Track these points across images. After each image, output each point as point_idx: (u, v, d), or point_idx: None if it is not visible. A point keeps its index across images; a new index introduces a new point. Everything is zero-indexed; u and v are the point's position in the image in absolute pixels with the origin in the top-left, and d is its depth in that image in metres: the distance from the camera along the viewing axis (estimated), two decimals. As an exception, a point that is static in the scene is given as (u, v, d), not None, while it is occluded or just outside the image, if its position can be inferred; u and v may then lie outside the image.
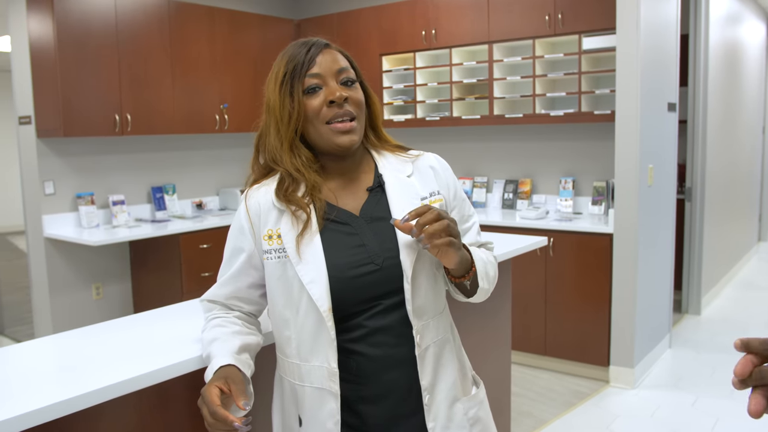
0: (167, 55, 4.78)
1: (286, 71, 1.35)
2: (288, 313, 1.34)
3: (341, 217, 1.36)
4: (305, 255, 1.31)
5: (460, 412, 1.40)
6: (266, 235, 1.36)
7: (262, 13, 5.57)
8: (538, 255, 4.22)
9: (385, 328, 1.32)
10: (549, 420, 3.62)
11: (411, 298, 1.32)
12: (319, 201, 1.34)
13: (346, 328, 1.32)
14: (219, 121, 5.09)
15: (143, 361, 1.47)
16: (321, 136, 1.35)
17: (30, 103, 4.44)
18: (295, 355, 1.35)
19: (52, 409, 1.26)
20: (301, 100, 1.33)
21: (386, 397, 1.33)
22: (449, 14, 4.84)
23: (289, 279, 1.33)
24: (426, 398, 1.34)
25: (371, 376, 1.32)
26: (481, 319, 2.77)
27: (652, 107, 4.00)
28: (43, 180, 4.47)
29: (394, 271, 1.32)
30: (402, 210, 1.35)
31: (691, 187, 5.38)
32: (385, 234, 1.35)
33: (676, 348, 4.66)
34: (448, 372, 1.38)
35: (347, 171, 1.41)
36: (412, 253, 1.32)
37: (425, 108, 5.16)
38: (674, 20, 4.34)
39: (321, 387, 1.32)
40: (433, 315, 1.37)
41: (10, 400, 1.28)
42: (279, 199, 1.35)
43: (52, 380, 1.43)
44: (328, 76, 1.35)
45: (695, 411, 3.66)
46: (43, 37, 4.28)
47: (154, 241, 4.62)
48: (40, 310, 4.61)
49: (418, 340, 1.33)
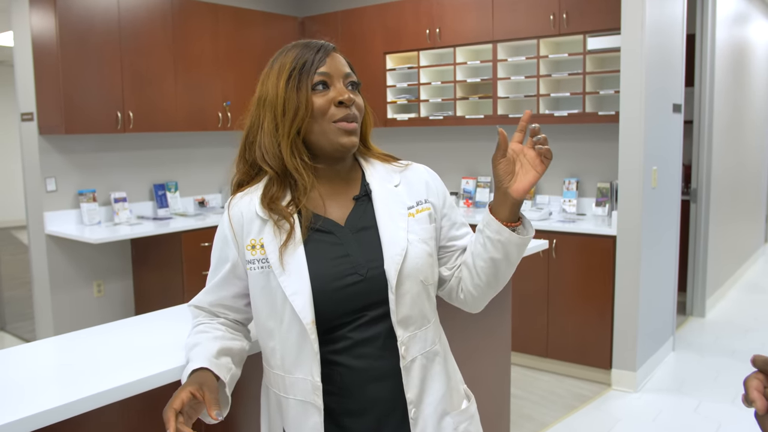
0: (170, 52, 4.76)
1: (294, 66, 1.32)
2: (272, 323, 1.32)
3: (326, 227, 1.33)
4: (288, 266, 1.28)
5: (449, 427, 1.37)
6: (249, 245, 1.33)
7: (266, 10, 5.55)
8: (541, 256, 4.19)
9: (370, 339, 1.30)
10: (550, 423, 3.60)
11: (395, 309, 1.29)
12: (305, 210, 1.32)
13: (329, 340, 1.30)
14: (222, 119, 5.08)
15: (136, 366, 1.46)
16: (325, 134, 1.32)
17: (32, 100, 4.44)
18: (280, 366, 1.33)
19: (48, 414, 1.25)
20: (309, 96, 1.31)
21: (370, 410, 1.31)
22: (453, 13, 4.81)
23: (273, 290, 1.30)
24: (412, 412, 1.32)
25: (355, 388, 1.30)
26: (481, 322, 2.75)
27: (656, 108, 3.96)
28: (45, 177, 4.47)
29: (378, 282, 1.29)
30: (388, 220, 1.33)
31: (696, 189, 5.33)
32: (369, 244, 1.32)
33: (679, 351, 4.63)
34: (436, 385, 1.35)
35: (336, 177, 1.39)
36: (396, 263, 1.29)
37: (429, 107, 5.13)
38: (680, 20, 4.30)
39: (305, 400, 1.30)
40: (420, 326, 1.34)
41: (10, 404, 1.28)
42: (263, 207, 1.32)
43: (49, 384, 1.43)
44: (336, 77, 1.33)
45: (698, 416, 3.63)
46: (45, 34, 4.27)
47: (155, 239, 4.61)
48: (42, 307, 4.61)
49: (403, 351, 1.30)
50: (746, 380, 0.85)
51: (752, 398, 0.82)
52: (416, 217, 1.37)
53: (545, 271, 4.23)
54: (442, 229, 1.44)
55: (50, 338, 1.77)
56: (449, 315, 2.45)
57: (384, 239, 1.31)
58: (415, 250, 1.32)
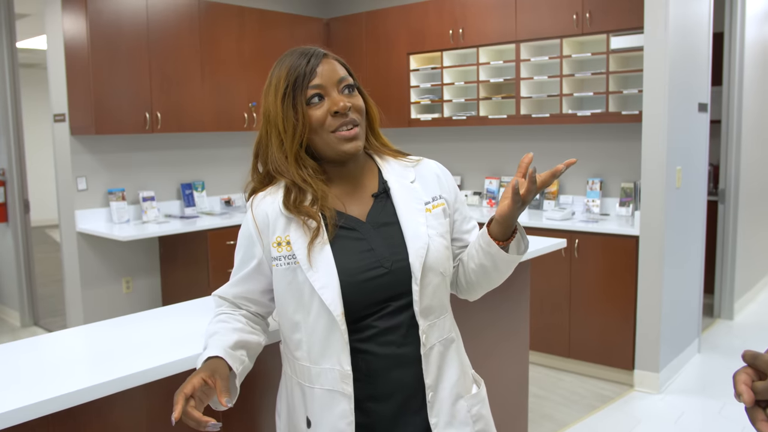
0: (197, 54, 4.85)
1: (287, 83, 1.36)
2: (299, 316, 1.37)
3: (348, 223, 1.39)
4: (316, 262, 1.34)
5: (463, 409, 1.43)
6: (275, 242, 1.38)
7: (291, 12, 5.62)
8: (563, 256, 4.18)
9: (394, 327, 1.36)
10: (570, 423, 3.59)
11: (419, 299, 1.36)
12: (329, 210, 1.37)
13: (356, 329, 1.35)
14: (247, 119, 5.16)
15: (160, 353, 1.54)
16: (327, 144, 1.37)
17: (64, 102, 4.56)
18: (306, 358, 1.38)
19: (78, 394, 1.34)
20: (305, 111, 1.35)
21: (394, 395, 1.37)
22: (477, 13, 4.82)
23: (300, 284, 1.35)
24: (429, 395, 1.38)
25: (380, 374, 1.36)
26: (497, 319, 2.76)
27: (681, 107, 3.93)
28: (76, 176, 4.59)
29: (402, 274, 1.36)
30: (409, 215, 1.40)
31: (724, 189, 5.26)
32: (392, 238, 1.39)
33: (705, 353, 4.57)
34: (451, 370, 1.42)
35: (350, 176, 1.44)
36: (421, 256, 1.36)
37: (452, 107, 5.14)
38: (706, 18, 4.25)
39: (332, 389, 1.35)
40: (439, 315, 1.41)
41: (44, 384, 1.36)
42: (288, 210, 1.37)
43: (80, 367, 1.52)
44: (330, 86, 1.37)
45: (721, 418, 3.59)
46: (76, 37, 4.39)
47: (182, 237, 4.71)
48: (72, 303, 4.73)
49: (424, 339, 1.37)
50: (735, 375, 0.87)
51: (739, 391, 0.83)
52: (433, 213, 1.44)
53: (567, 271, 4.22)
54: (455, 223, 1.52)
55: (82, 326, 1.86)
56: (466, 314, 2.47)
57: (407, 234, 1.38)
58: (435, 244, 1.39)
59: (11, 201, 5.55)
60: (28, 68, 8.74)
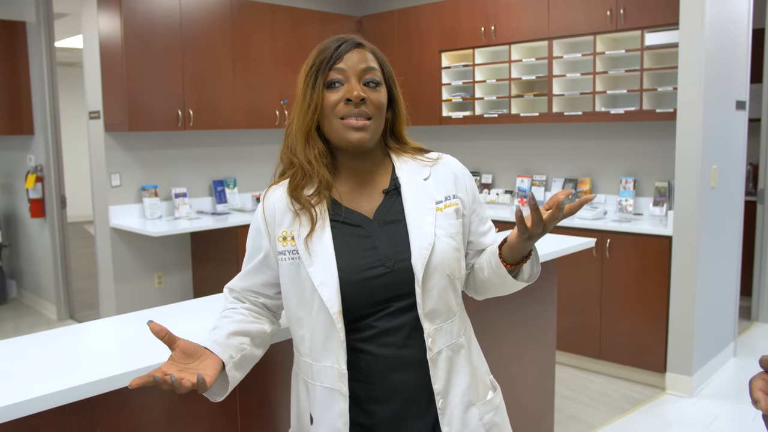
0: (229, 52, 4.90)
1: (314, 62, 1.38)
2: (302, 312, 1.36)
3: (354, 220, 1.37)
4: (315, 255, 1.33)
5: (475, 417, 1.39)
6: (281, 237, 1.38)
7: (323, 10, 5.63)
8: (594, 256, 4.12)
9: (395, 329, 1.33)
10: (598, 425, 3.54)
11: (422, 302, 1.32)
12: (325, 198, 1.36)
13: (356, 329, 1.34)
14: (279, 117, 5.19)
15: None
16: (335, 130, 1.36)
17: (99, 99, 4.64)
18: (308, 354, 1.37)
19: (109, 381, 1.39)
20: (321, 92, 1.35)
21: (395, 397, 1.34)
22: (509, 10, 4.77)
23: (302, 280, 1.35)
24: (440, 402, 1.35)
25: (379, 375, 1.33)
26: (523, 320, 2.73)
27: (717, 105, 3.83)
28: (111, 172, 4.67)
29: (404, 274, 1.32)
30: (416, 214, 1.37)
31: (764, 189, 5.13)
32: (397, 237, 1.35)
33: (741, 357, 4.46)
34: (461, 377, 1.38)
35: (362, 171, 1.42)
36: (423, 257, 1.32)
37: (484, 105, 5.10)
38: (745, 14, 4.14)
39: (331, 387, 1.34)
40: (446, 319, 1.36)
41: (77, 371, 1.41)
42: (288, 195, 1.38)
43: (112, 356, 1.58)
44: (352, 73, 1.36)
45: (755, 424, 3.50)
46: (111, 36, 4.46)
47: (214, 233, 4.76)
48: (106, 297, 4.82)
49: (430, 343, 1.33)
50: (751, 381, 0.84)
51: (756, 398, 0.81)
52: (444, 212, 1.39)
53: (599, 271, 4.15)
54: (471, 225, 1.47)
55: (115, 317, 1.91)
56: (491, 315, 2.45)
57: (411, 233, 1.35)
58: (442, 244, 1.35)
59: (48, 196, 5.67)
60: (66, 67, 8.92)
